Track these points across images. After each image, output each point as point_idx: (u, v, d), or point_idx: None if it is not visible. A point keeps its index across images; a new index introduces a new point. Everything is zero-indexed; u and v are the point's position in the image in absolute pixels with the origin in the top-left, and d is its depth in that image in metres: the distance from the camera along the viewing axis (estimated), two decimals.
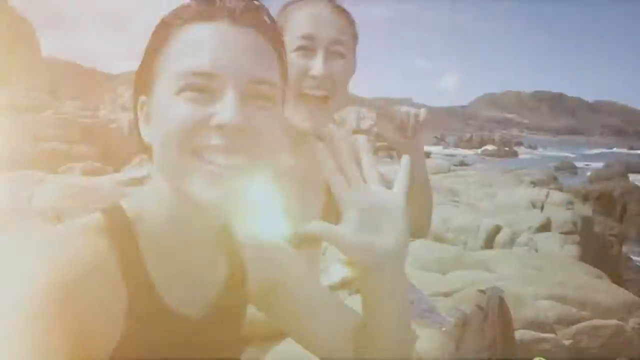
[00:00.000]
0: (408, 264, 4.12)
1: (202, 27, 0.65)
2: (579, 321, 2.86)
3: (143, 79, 0.69)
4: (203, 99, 0.62)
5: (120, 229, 0.66)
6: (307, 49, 1.21)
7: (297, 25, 1.21)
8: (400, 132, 1.30)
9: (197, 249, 0.73)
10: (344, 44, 1.24)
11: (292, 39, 1.20)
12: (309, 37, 1.20)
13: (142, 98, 0.69)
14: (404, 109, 1.31)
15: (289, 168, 1.34)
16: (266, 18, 0.69)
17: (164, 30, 0.67)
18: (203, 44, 0.64)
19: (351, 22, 1.28)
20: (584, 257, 5.67)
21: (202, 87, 0.62)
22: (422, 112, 1.30)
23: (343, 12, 1.26)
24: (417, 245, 4.44)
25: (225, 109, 0.61)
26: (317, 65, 1.20)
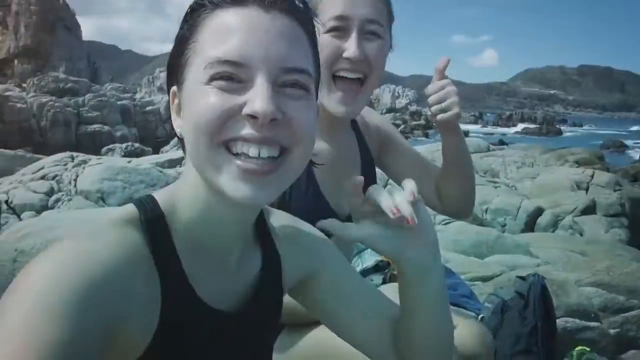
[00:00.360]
0: (444, 247, 4.05)
1: (232, 13, 0.62)
2: (627, 310, 2.72)
3: (174, 69, 0.67)
4: (234, 88, 0.60)
5: (154, 222, 0.65)
6: (341, 29, 1.15)
7: (330, 5, 1.16)
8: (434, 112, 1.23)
9: (230, 242, 0.72)
10: (379, 23, 1.18)
11: (325, 19, 1.15)
12: (342, 18, 1.15)
13: (174, 89, 0.67)
14: (434, 87, 1.22)
15: (324, 152, 1.31)
16: (298, 3, 0.66)
17: (194, 17, 0.64)
18: (233, 31, 0.60)
19: (386, 1, 1.22)
20: (633, 241, 5.40)
21: (233, 75, 0.60)
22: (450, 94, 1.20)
23: None
24: (454, 228, 4.34)
25: (257, 98, 0.58)
26: (351, 47, 1.14)
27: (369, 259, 2.02)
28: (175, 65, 0.66)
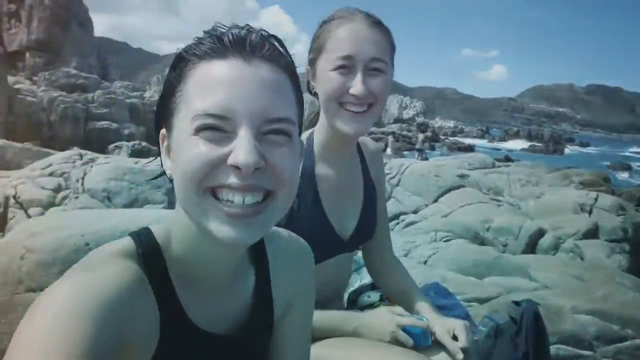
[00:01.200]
0: (443, 266, 4.07)
1: (215, 65, 0.65)
2: (621, 340, 2.74)
3: (163, 112, 0.70)
4: (219, 138, 0.63)
5: (151, 254, 0.70)
6: (347, 67, 1.23)
7: (337, 45, 1.23)
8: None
9: (221, 276, 0.76)
10: (382, 60, 1.25)
11: (332, 58, 1.24)
12: (348, 58, 1.22)
13: (163, 131, 0.71)
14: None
15: (331, 175, 1.37)
16: (280, 48, 0.69)
17: (181, 67, 0.68)
18: (216, 83, 0.64)
19: (388, 35, 1.28)
20: (634, 268, 5.38)
21: (218, 127, 0.63)
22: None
23: (379, 26, 1.26)
24: (455, 246, 4.36)
25: (240, 150, 0.62)
26: (357, 85, 1.22)
27: (367, 275, 2.06)
28: (163, 108, 0.70)
